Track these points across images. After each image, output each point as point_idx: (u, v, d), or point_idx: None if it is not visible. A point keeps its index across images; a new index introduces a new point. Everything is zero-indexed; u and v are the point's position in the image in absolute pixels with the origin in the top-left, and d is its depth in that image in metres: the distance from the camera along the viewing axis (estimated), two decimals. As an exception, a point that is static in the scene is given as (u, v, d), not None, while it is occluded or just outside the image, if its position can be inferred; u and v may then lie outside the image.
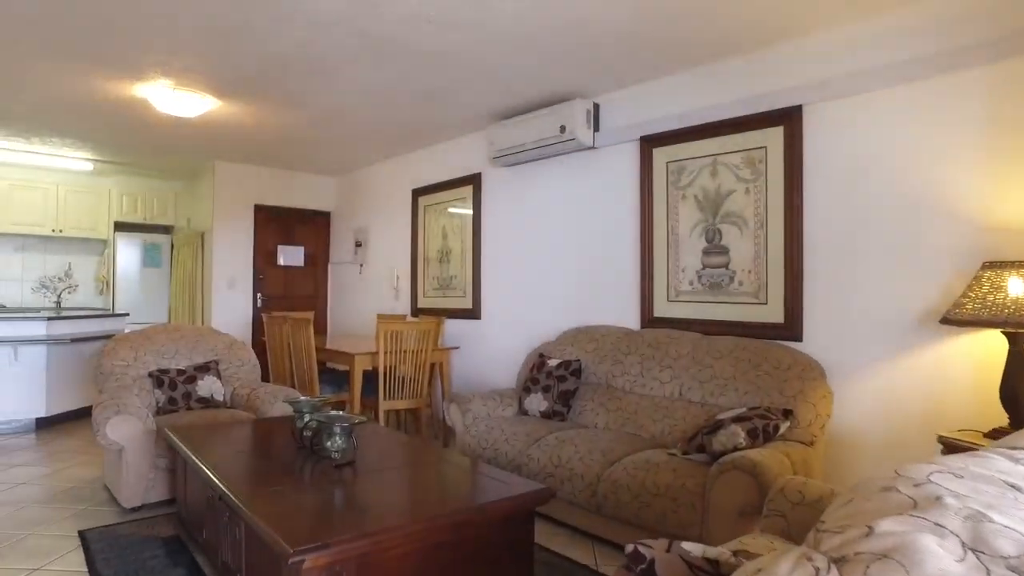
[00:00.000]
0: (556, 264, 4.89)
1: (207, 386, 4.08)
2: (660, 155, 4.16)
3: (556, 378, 4.08)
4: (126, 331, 6.39)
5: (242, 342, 4.51)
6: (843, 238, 3.28)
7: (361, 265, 7.16)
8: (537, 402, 4.08)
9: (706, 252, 3.89)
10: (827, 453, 3.16)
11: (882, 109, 3.14)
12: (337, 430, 2.47)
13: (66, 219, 7.75)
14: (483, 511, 2.13)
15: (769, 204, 3.56)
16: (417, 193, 6.32)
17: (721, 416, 3.00)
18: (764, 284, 3.59)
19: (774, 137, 3.52)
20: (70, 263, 8.12)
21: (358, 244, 7.18)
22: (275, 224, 7.36)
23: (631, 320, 4.33)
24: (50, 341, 5.31)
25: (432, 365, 5.02)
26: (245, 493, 2.18)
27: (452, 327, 5.81)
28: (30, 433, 5.49)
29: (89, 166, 7.14)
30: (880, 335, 3.10)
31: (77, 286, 8.13)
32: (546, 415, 4.03)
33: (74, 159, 6.92)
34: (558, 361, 4.17)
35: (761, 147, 3.59)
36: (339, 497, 2.25)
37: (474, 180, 5.63)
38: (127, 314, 6.63)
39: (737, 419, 2.83)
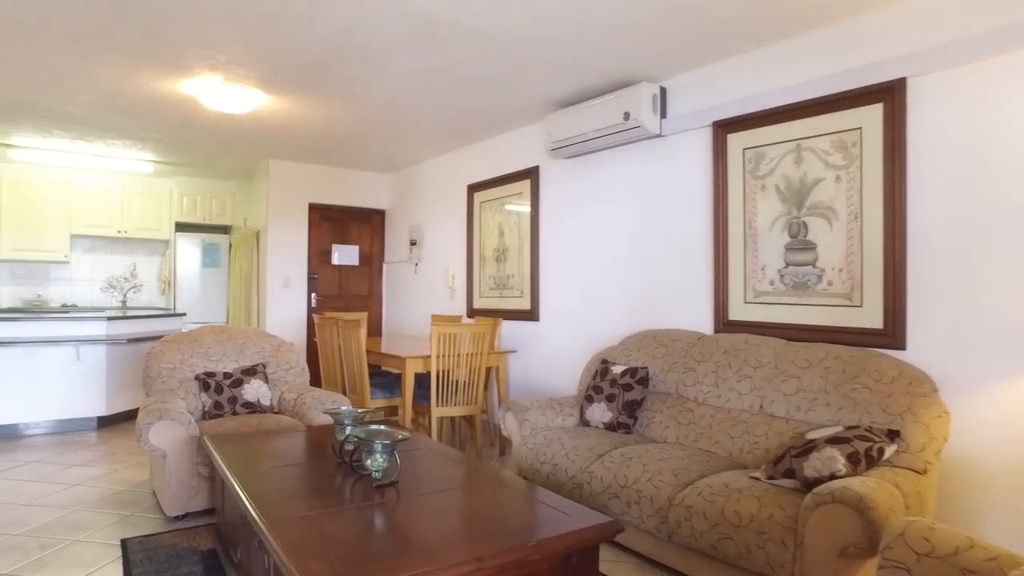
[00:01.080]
0: (619, 262, 4.55)
1: (253, 390, 3.93)
2: (735, 141, 3.77)
3: (621, 387, 3.75)
4: (183, 331, 6.40)
5: (290, 344, 4.35)
6: (959, 231, 2.82)
7: (416, 264, 6.97)
8: (600, 412, 3.76)
9: (789, 248, 3.48)
10: (938, 485, 2.72)
11: (1005, 78, 2.68)
12: (378, 447, 2.22)
13: (130, 220, 7.87)
14: (542, 548, 1.83)
15: (865, 193, 3.13)
16: (472, 189, 6.08)
17: (812, 435, 2.62)
18: (858, 284, 3.16)
19: (871, 116, 3.09)
20: (135, 263, 8.25)
21: (413, 242, 7.00)
22: (329, 223, 7.26)
23: (703, 323, 3.95)
24: (109, 341, 5.31)
25: (488, 369, 4.75)
26: (273, 519, 1.95)
27: (509, 329, 5.53)
28: (91, 431, 5.52)
29: (150, 168, 7.20)
30: (1008, 346, 2.64)
31: (141, 286, 8.25)
32: (610, 427, 3.71)
33: (135, 161, 6.99)
34: (623, 368, 3.83)
35: (855, 128, 3.16)
36: (376, 526, 1.99)
37: (531, 174, 5.34)
38: (184, 314, 6.64)
39: (833, 440, 2.44)
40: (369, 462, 2.27)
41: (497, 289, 5.73)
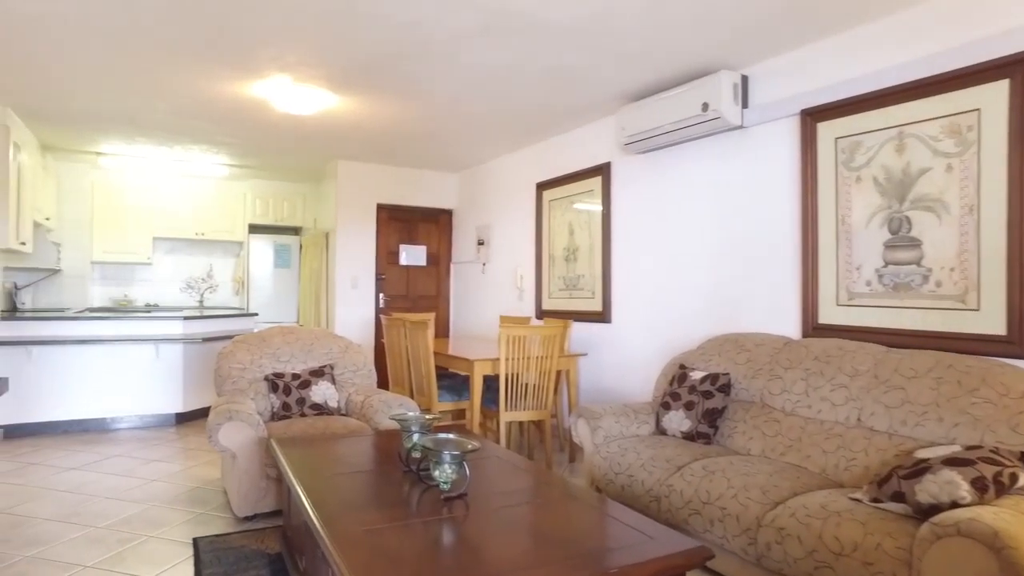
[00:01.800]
0: (696, 262, 4.30)
1: (321, 392, 3.90)
2: (826, 130, 3.48)
3: (701, 394, 3.52)
4: (255, 331, 6.52)
5: (358, 346, 4.31)
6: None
7: (484, 264, 6.88)
8: (678, 421, 3.54)
9: (889, 246, 3.18)
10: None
11: None
12: (447, 458, 2.10)
13: (207, 223, 8.11)
14: (622, 576, 1.66)
15: (983, 184, 2.80)
16: (541, 187, 5.93)
17: (924, 454, 2.34)
18: (974, 284, 2.84)
19: (993, 96, 2.76)
20: (211, 264, 8.51)
21: (480, 242, 6.91)
22: (397, 223, 7.26)
23: (789, 327, 3.68)
24: (186, 340, 5.44)
25: (558, 373, 4.59)
26: (338, 533, 1.86)
27: (579, 331, 5.36)
28: (170, 427, 5.67)
29: (224, 171, 7.39)
30: None
31: (217, 286, 8.50)
32: (688, 436, 3.48)
33: (211, 165, 7.18)
34: (703, 374, 3.60)
35: (971, 110, 2.84)
36: (444, 543, 1.87)
37: (602, 170, 5.15)
38: (256, 314, 6.76)
39: (952, 462, 2.16)
40: (437, 473, 2.15)
41: (567, 290, 5.56)
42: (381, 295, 7.12)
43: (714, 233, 4.18)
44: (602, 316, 5.12)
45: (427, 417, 2.55)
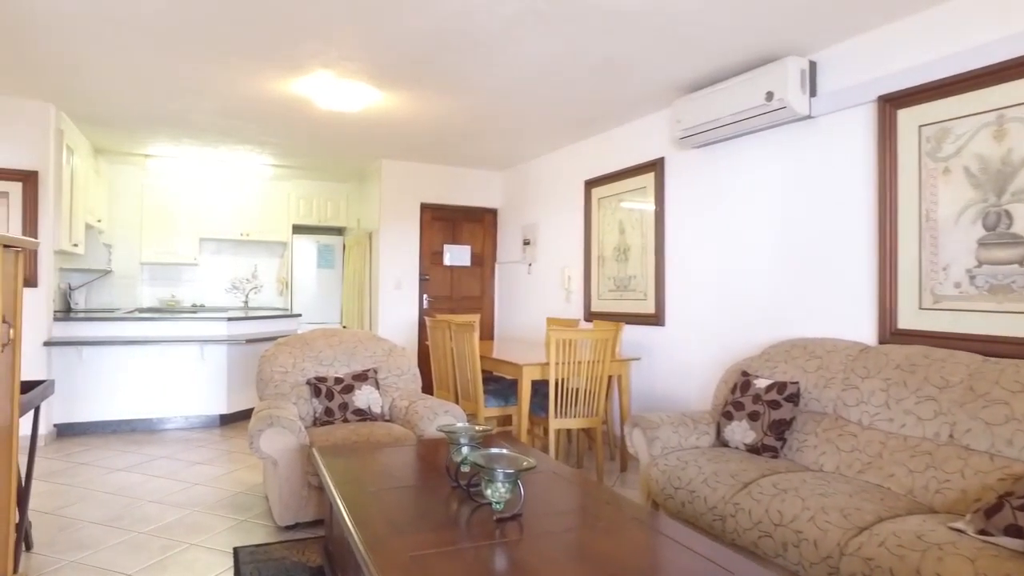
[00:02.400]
0: (757, 262, 4.04)
1: (364, 397, 3.77)
2: (908, 118, 3.19)
3: (766, 403, 3.26)
4: (299, 331, 6.46)
5: (402, 349, 4.18)
6: None
7: (530, 264, 6.70)
8: (741, 432, 3.29)
9: (984, 244, 2.88)
10: None
11: None
12: (500, 476, 1.92)
13: (252, 223, 8.13)
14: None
15: (1098, 173, 2.49)
16: (590, 184, 5.71)
17: (1038, 479, 2.06)
18: (1086, 287, 2.53)
19: (1109, 75, 2.45)
20: (256, 265, 8.53)
21: (526, 242, 6.73)
22: (441, 223, 7.13)
23: (863, 332, 3.39)
24: (230, 341, 5.41)
25: (609, 378, 4.37)
26: (382, 559, 1.70)
27: (631, 334, 5.13)
28: (214, 428, 5.65)
29: (269, 171, 7.38)
30: None
31: (262, 287, 8.52)
32: (753, 449, 3.23)
33: (255, 165, 7.18)
34: (768, 382, 3.34)
35: (1084, 92, 2.53)
36: (497, 571, 1.69)
37: (655, 166, 4.91)
38: (300, 315, 6.71)
39: (1076, 490, 1.89)
40: (489, 492, 1.97)
41: (617, 291, 5.34)
42: (425, 296, 7.01)
43: (777, 231, 3.91)
44: (655, 319, 4.88)
45: (476, 429, 2.37)
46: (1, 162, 4.92)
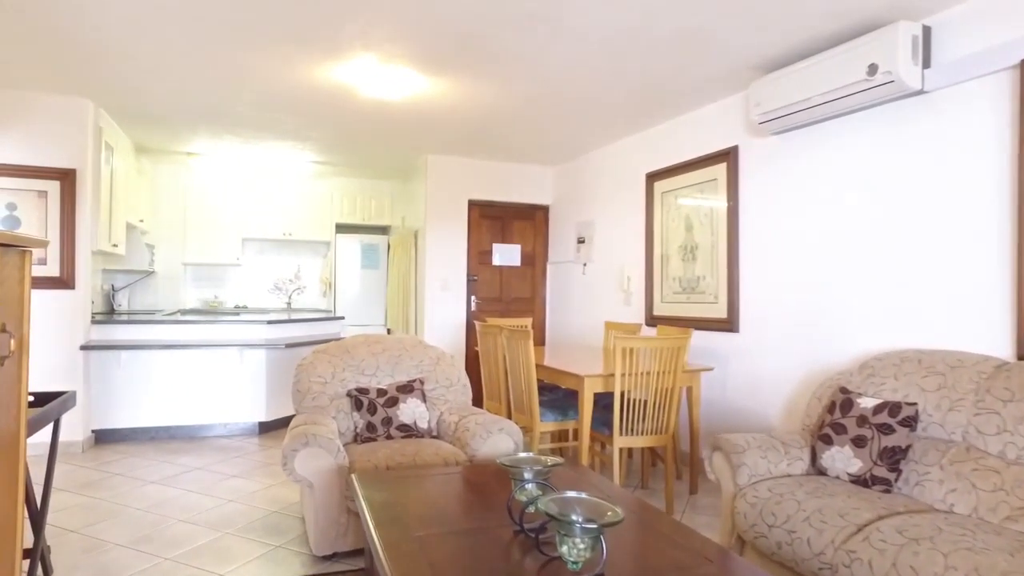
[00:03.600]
0: (852, 260, 3.54)
1: (410, 410, 3.42)
2: (1053, 89, 2.66)
3: (875, 427, 2.78)
4: (341, 335, 6.18)
5: (451, 357, 3.81)
6: None
7: (584, 264, 6.27)
8: (843, 460, 2.81)
9: None
10: None
11: None
12: (579, 532, 1.52)
13: (294, 223, 7.92)
14: None
15: None
16: (652, 178, 5.26)
17: None
18: None
19: None
20: (299, 265, 8.32)
21: (581, 240, 6.30)
22: (489, 221, 6.76)
23: (996, 345, 2.88)
24: (269, 345, 5.14)
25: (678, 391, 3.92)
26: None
27: (699, 341, 4.66)
28: (253, 437, 5.39)
29: (311, 168, 7.14)
30: None
31: (305, 287, 8.31)
32: (860, 481, 2.75)
33: (297, 162, 6.94)
34: (876, 402, 2.86)
35: None
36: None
37: (728, 156, 4.43)
38: (343, 317, 6.43)
39: None
40: (565, 549, 1.57)
41: (684, 293, 4.88)
42: (473, 298, 6.65)
43: (876, 225, 3.40)
44: (727, 324, 4.41)
45: (546, 462, 1.98)
46: (39, 160, 4.74)
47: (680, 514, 3.75)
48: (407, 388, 3.51)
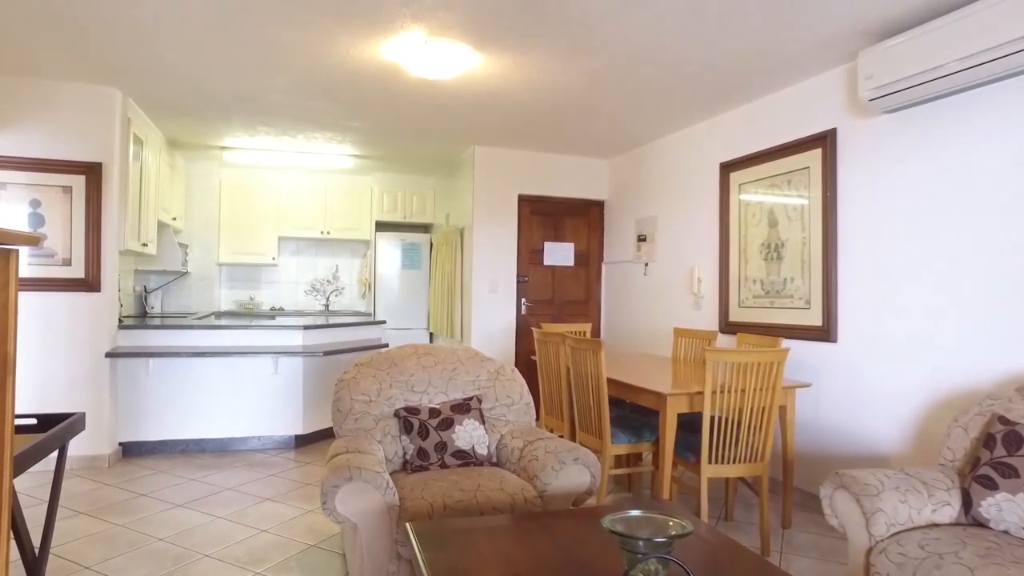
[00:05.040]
0: (992, 259, 2.95)
1: (467, 434, 2.94)
2: None
3: (1058, 470, 2.21)
4: (382, 340, 5.75)
5: (511, 371, 3.33)
6: None
7: (646, 264, 5.73)
8: (1013, 510, 2.25)
9: None
10: None
11: None
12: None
13: (333, 221, 7.56)
14: None
15: None
16: (727, 168, 4.71)
17: None
18: None
19: None
20: (337, 265, 7.96)
21: (641, 238, 5.77)
22: (540, 218, 6.27)
23: None
24: (306, 353, 4.73)
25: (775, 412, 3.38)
26: None
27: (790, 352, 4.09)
28: (288, 451, 4.99)
29: (350, 163, 6.74)
30: None
31: (343, 288, 7.94)
32: (1038, 537, 2.19)
33: (336, 156, 6.55)
34: (1055, 437, 2.29)
35: None
36: None
37: (823, 140, 3.87)
38: (384, 321, 6.00)
39: None
40: None
41: (766, 297, 4.32)
42: (523, 300, 6.16)
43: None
44: (823, 333, 3.84)
45: (668, 527, 1.48)
46: (63, 153, 4.41)
47: (778, 555, 3.21)
48: (463, 407, 3.03)
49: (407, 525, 2.03)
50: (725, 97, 4.43)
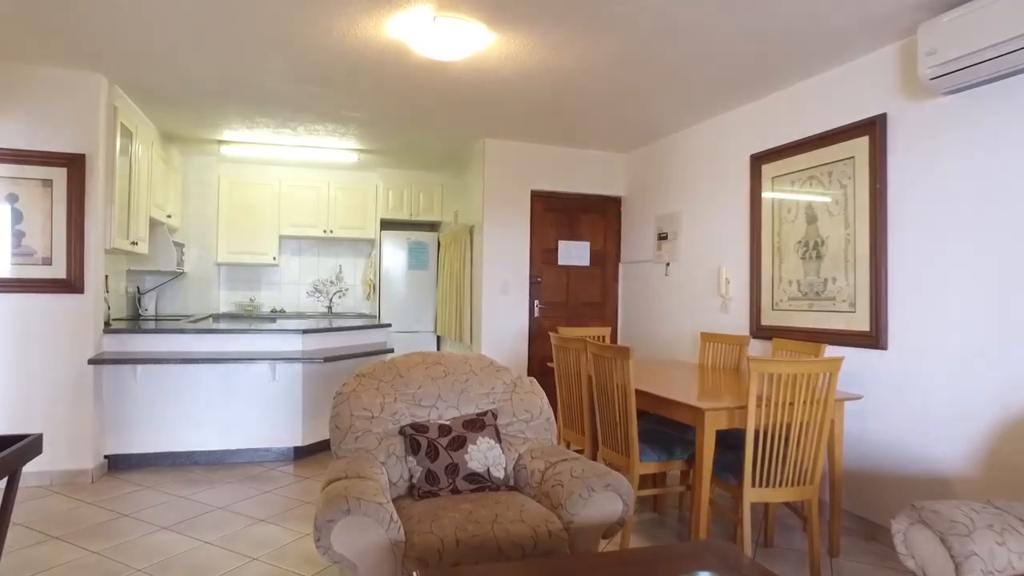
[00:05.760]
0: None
1: (481, 455, 2.60)
2: None
3: None
4: (387, 345, 5.41)
5: (530, 381, 2.98)
6: None
7: (667, 264, 5.38)
8: None
9: None
10: None
11: None
12: None
13: (336, 219, 7.23)
14: None
15: None
16: (759, 160, 4.36)
17: None
18: None
19: None
20: (340, 265, 7.63)
21: (662, 236, 5.42)
22: (554, 215, 5.92)
23: None
24: (305, 359, 4.39)
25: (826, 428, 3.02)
26: None
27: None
28: (287, 464, 4.66)
29: (354, 157, 6.40)
30: None
31: (347, 289, 7.61)
32: None
33: (338, 150, 6.22)
34: None
35: None
36: None
37: (872, 127, 3.51)
38: (389, 325, 5.66)
39: None
40: None
41: (804, 299, 3.96)
42: (536, 302, 5.82)
43: None
44: (871, 339, 3.48)
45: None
46: (42, 144, 4.09)
47: (830, 591, 2.86)
48: (477, 424, 2.69)
49: (413, 575, 1.69)
50: (759, 81, 4.07)
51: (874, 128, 3.49)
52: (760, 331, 4.29)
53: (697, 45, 3.50)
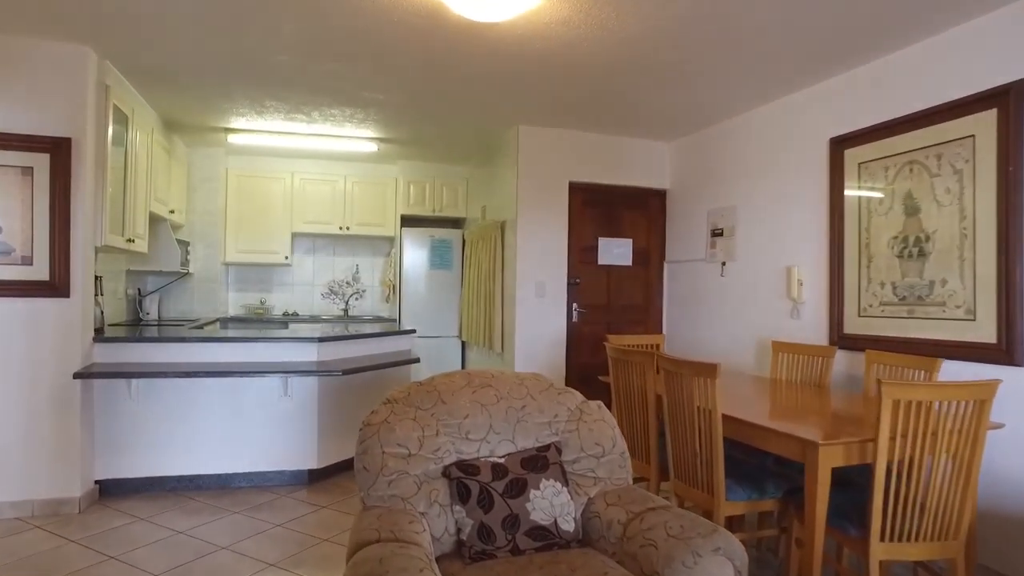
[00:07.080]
0: None
1: (546, 503, 2.06)
2: None
3: None
4: (412, 354, 4.87)
5: (598, 406, 2.43)
6: None
7: (723, 264, 4.81)
8: None
9: None
10: None
11: None
12: None
13: (353, 215, 6.71)
14: None
15: None
16: (842, 144, 3.79)
17: None
18: None
19: None
20: (357, 265, 7.11)
21: (717, 233, 4.85)
22: (593, 209, 5.37)
23: None
24: (321, 372, 3.86)
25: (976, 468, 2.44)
26: None
27: (941, 377, 3.16)
28: (300, 490, 4.13)
29: (372, 147, 5.88)
30: None
31: (365, 291, 7.09)
32: None
33: (357, 140, 5.70)
34: None
35: None
36: None
37: (1003, 99, 2.94)
38: (414, 331, 5.13)
39: None
40: None
41: (902, 304, 3.38)
42: (574, 305, 5.26)
43: None
44: (1000, 353, 2.91)
45: None
46: (20, 127, 3.59)
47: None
48: (539, 463, 2.14)
49: None
50: (847, 53, 3.50)
51: (1007, 99, 2.92)
52: (843, 340, 3.72)
53: (778, 10, 2.94)
